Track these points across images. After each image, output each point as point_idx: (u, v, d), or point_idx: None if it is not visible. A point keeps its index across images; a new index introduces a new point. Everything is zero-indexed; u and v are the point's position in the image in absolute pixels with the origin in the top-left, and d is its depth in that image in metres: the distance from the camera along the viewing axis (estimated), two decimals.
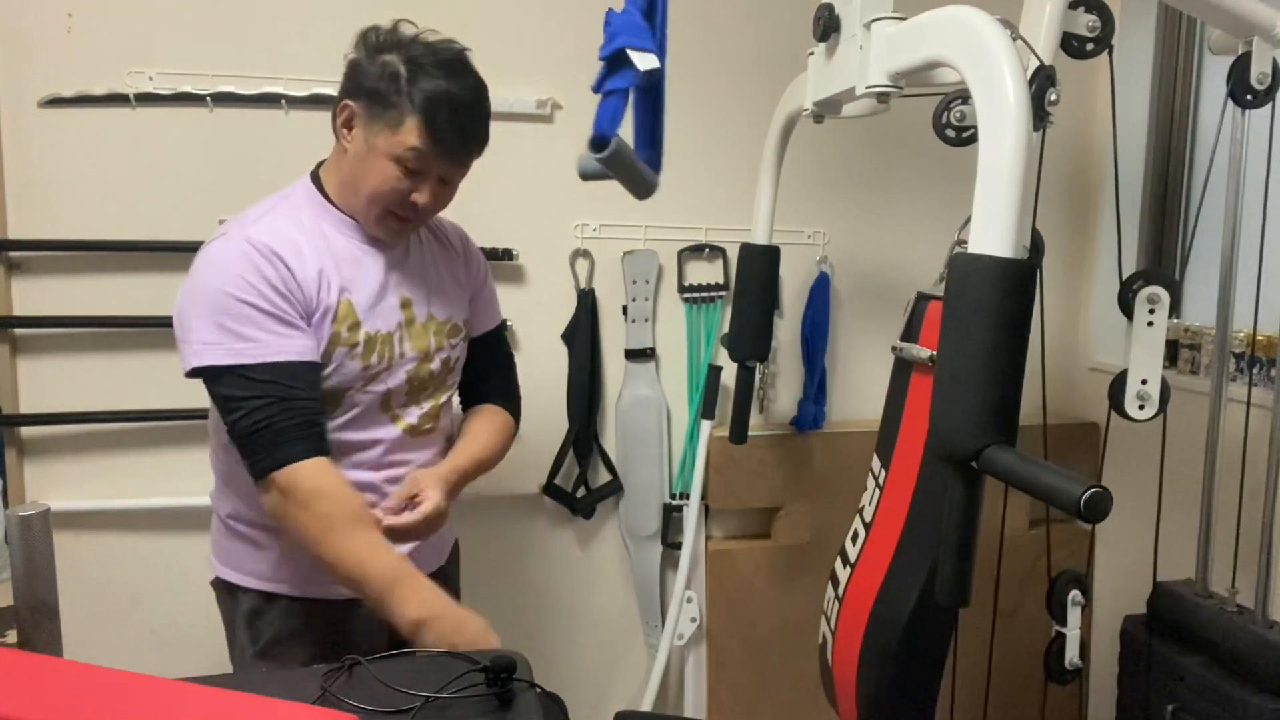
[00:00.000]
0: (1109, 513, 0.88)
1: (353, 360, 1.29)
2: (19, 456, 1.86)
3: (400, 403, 1.37)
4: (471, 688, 0.98)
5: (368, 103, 1.25)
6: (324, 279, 1.27)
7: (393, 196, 1.27)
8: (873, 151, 2.22)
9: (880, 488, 1.57)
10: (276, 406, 1.20)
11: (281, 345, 1.21)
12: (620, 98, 1.20)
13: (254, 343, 1.20)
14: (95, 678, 0.84)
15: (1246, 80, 1.53)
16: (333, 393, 1.30)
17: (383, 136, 1.24)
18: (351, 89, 1.28)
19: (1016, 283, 0.97)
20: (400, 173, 1.25)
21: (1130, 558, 2.12)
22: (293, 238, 1.27)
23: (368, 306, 1.31)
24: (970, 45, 1.03)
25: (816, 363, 2.20)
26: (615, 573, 2.22)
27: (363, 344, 1.30)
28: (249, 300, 1.20)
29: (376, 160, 1.26)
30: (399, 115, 1.23)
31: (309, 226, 1.30)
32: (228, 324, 1.20)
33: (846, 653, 1.55)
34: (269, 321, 1.21)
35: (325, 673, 1.03)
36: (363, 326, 1.30)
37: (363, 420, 1.34)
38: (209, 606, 1.46)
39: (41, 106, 1.79)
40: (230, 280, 1.21)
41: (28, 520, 1.06)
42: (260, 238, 1.24)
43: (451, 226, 1.53)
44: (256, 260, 1.22)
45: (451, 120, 1.25)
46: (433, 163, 1.27)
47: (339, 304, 1.28)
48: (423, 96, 1.23)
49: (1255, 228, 1.68)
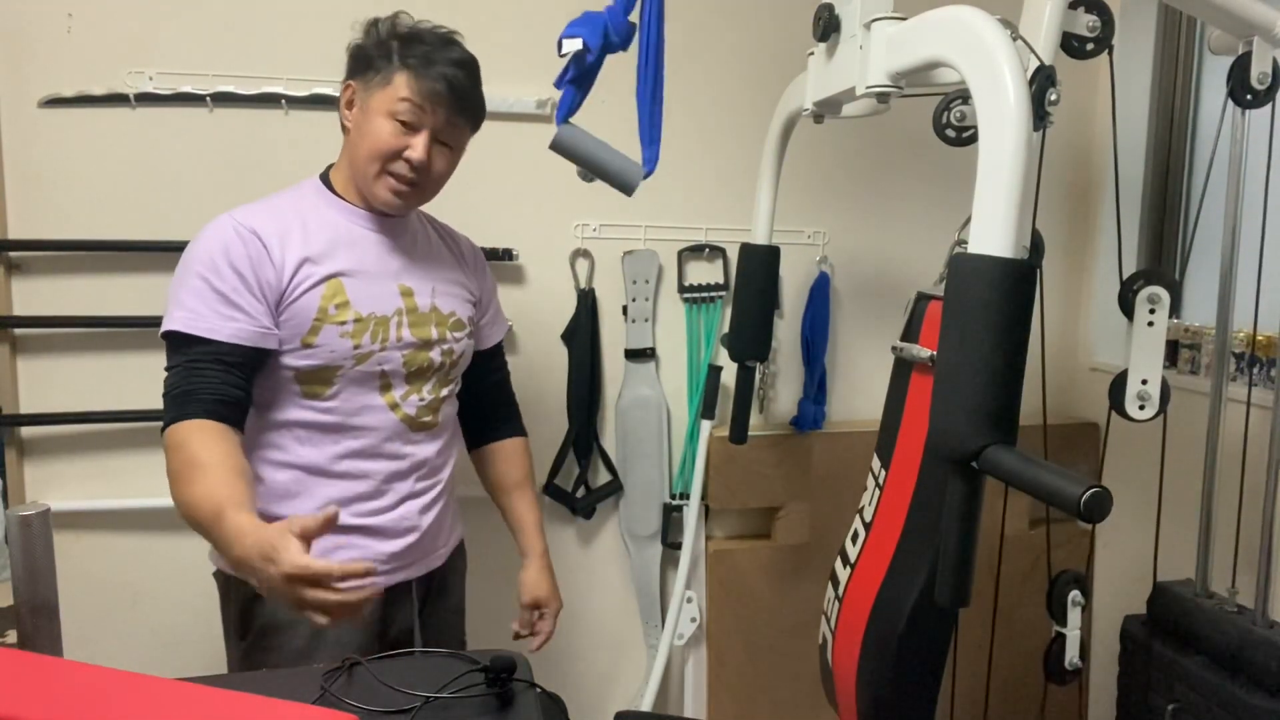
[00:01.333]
0: (1109, 513, 0.88)
1: (342, 339, 1.32)
2: (19, 456, 1.86)
3: (399, 391, 1.39)
4: (471, 688, 0.98)
5: (363, 72, 1.33)
6: (309, 259, 1.31)
7: (388, 152, 1.31)
8: (873, 151, 2.22)
9: (880, 488, 1.57)
10: (193, 375, 1.24)
11: (219, 325, 1.25)
12: (569, 89, 1.33)
13: (195, 315, 1.25)
14: (95, 678, 0.84)
15: (1246, 80, 1.53)
16: (323, 370, 1.32)
17: (375, 96, 1.31)
18: (350, 70, 1.35)
19: (1016, 283, 0.97)
20: (395, 128, 1.30)
21: (1130, 558, 2.13)
22: (282, 219, 1.32)
23: (362, 288, 1.34)
24: (970, 45, 1.03)
25: (816, 363, 2.20)
26: (615, 573, 2.22)
27: (352, 323, 1.33)
28: (205, 276, 1.26)
29: (373, 119, 1.31)
30: (390, 73, 1.30)
31: (308, 211, 1.35)
32: (181, 295, 1.26)
33: (846, 653, 1.55)
34: (214, 299, 1.25)
35: (325, 673, 1.03)
36: (352, 306, 1.33)
37: (356, 402, 1.36)
38: (209, 606, 1.46)
39: (41, 106, 1.79)
40: (198, 256, 1.27)
41: (28, 520, 1.06)
42: (243, 218, 1.30)
43: (465, 240, 1.57)
44: (229, 239, 1.27)
45: (441, 74, 1.30)
46: (424, 115, 1.31)
47: (326, 283, 1.32)
48: (412, 55, 1.30)
49: (1255, 228, 1.68)
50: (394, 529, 1.41)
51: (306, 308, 1.30)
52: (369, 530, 1.38)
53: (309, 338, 1.30)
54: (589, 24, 1.32)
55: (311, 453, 1.35)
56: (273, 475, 1.35)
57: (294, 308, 1.29)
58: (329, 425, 1.35)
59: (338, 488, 1.36)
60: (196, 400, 1.23)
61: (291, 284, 1.29)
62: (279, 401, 1.34)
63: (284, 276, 1.29)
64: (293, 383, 1.33)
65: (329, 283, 1.32)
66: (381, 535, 1.39)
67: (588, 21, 1.32)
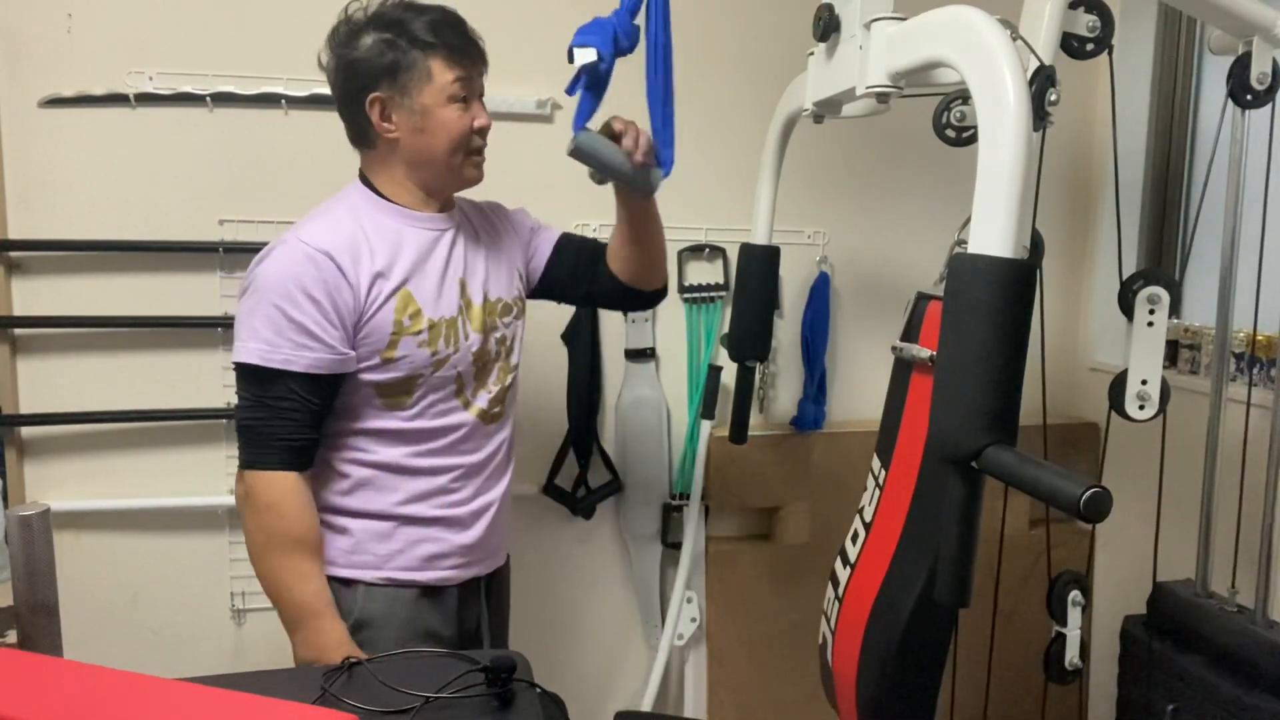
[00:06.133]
0: (1109, 513, 0.88)
1: (421, 348, 1.32)
2: (19, 456, 1.86)
3: (470, 387, 1.40)
4: (471, 688, 0.98)
5: (391, 81, 1.29)
6: (381, 273, 1.30)
7: (465, 135, 1.33)
8: (873, 151, 2.22)
9: (880, 488, 1.57)
10: (274, 416, 1.25)
11: (294, 355, 1.25)
12: (584, 95, 1.34)
13: (271, 346, 1.24)
14: (95, 678, 0.84)
15: (1246, 80, 1.53)
16: (405, 381, 1.33)
17: (426, 94, 1.29)
18: (364, 85, 1.30)
19: (1016, 283, 0.97)
20: (456, 109, 1.31)
21: (1130, 558, 2.12)
22: (350, 234, 1.30)
23: (431, 294, 1.34)
24: (970, 45, 1.03)
25: (816, 363, 2.20)
26: (615, 573, 2.22)
27: (427, 330, 1.33)
28: (279, 304, 1.24)
29: (435, 115, 1.30)
30: (423, 66, 1.28)
31: (367, 221, 1.33)
32: (255, 324, 1.25)
33: (846, 653, 1.55)
34: (290, 329, 1.24)
35: (325, 673, 1.03)
36: (425, 314, 1.33)
37: (437, 406, 1.37)
38: (209, 606, 1.46)
39: (41, 106, 1.79)
40: (272, 284, 1.25)
41: (28, 520, 1.06)
42: (313, 238, 1.27)
43: (488, 205, 1.56)
44: (302, 264, 1.25)
45: (458, 33, 1.31)
46: (472, 80, 1.33)
47: (398, 295, 1.31)
48: (423, 36, 1.28)
49: (1255, 228, 1.68)
50: (470, 519, 1.42)
51: (383, 323, 1.30)
52: (448, 522, 1.40)
53: (388, 352, 1.31)
54: (599, 32, 1.31)
55: (392, 452, 1.35)
56: (354, 471, 1.36)
57: (371, 324, 1.29)
58: (411, 431, 1.36)
59: (418, 483, 1.37)
60: (278, 447, 1.26)
61: (367, 302, 1.29)
62: (360, 412, 1.34)
63: (361, 297, 1.28)
64: (374, 396, 1.33)
65: (399, 294, 1.31)
66: (459, 526, 1.41)
67: (597, 29, 1.32)
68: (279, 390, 1.25)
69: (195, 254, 1.88)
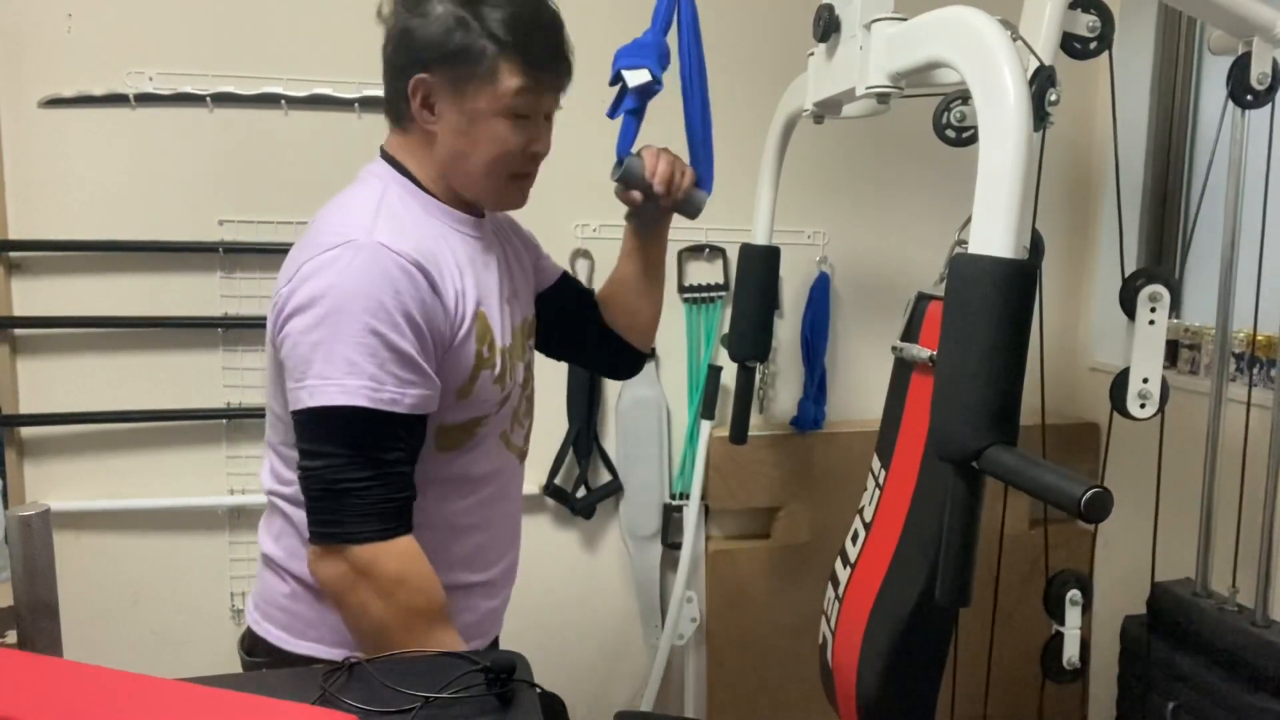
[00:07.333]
0: (1110, 513, 0.88)
1: (495, 385, 1.13)
2: (19, 456, 1.86)
3: (511, 425, 1.22)
4: (471, 688, 0.98)
5: (447, 68, 1.06)
6: (462, 291, 1.08)
7: (514, 157, 1.10)
8: (873, 151, 2.22)
9: (880, 488, 1.57)
10: (374, 469, 1.00)
11: (399, 394, 1.01)
12: (629, 117, 1.24)
13: (376, 385, 0.99)
14: (95, 678, 0.84)
15: (1246, 80, 1.53)
16: (468, 425, 1.13)
17: (482, 97, 1.06)
18: (416, 60, 1.07)
19: (1016, 283, 0.97)
20: (513, 126, 1.08)
21: (1130, 558, 2.12)
22: (424, 239, 1.06)
23: (497, 318, 1.14)
24: (970, 46, 1.03)
25: (816, 363, 2.20)
26: (615, 573, 2.22)
27: (499, 362, 1.13)
28: (377, 329, 0.99)
29: (483, 125, 1.07)
30: (491, 64, 1.05)
31: (427, 225, 1.10)
32: (348, 353, 0.99)
33: (846, 653, 1.55)
34: (393, 361, 1.00)
35: (325, 673, 1.03)
36: (498, 343, 1.13)
37: (486, 449, 1.17)
38: (209, 606, 1.46)
39: (41, 106, 1.79)
40: (362, 304, 0.99)
41: (28, 520, 1.06)
42: (394, 242, 1.02)
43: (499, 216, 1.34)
44: (398, 278, 1.00)
45: (546, 40, 1.09)
46: (541, 98, 1.10)
47: (478, 319, 1.10)
48: (505, 30, 1.05)
49: (1255, 228, 1.68)
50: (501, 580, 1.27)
51: (466, 354, 1.08)
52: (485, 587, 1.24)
53: (467, 387, 1.09)
54: (645, 54, 1.23)
55: (445, 509, 1.15)
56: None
57: (455, 355, 1.07)
58: (465, 479, 1.16)
59: (464, 544, 1.18)
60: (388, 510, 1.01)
61: (455, 327, 1.07)
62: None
63: (453, 320, 1.06)
64: (430, 438, 1.10)
65: (479, 318, 1.10)
66: (490, 589, 1.25)
67: (640, 50, 1.23)
68: (385, 439, 1.00)
69: (195, 254, 1.88)
